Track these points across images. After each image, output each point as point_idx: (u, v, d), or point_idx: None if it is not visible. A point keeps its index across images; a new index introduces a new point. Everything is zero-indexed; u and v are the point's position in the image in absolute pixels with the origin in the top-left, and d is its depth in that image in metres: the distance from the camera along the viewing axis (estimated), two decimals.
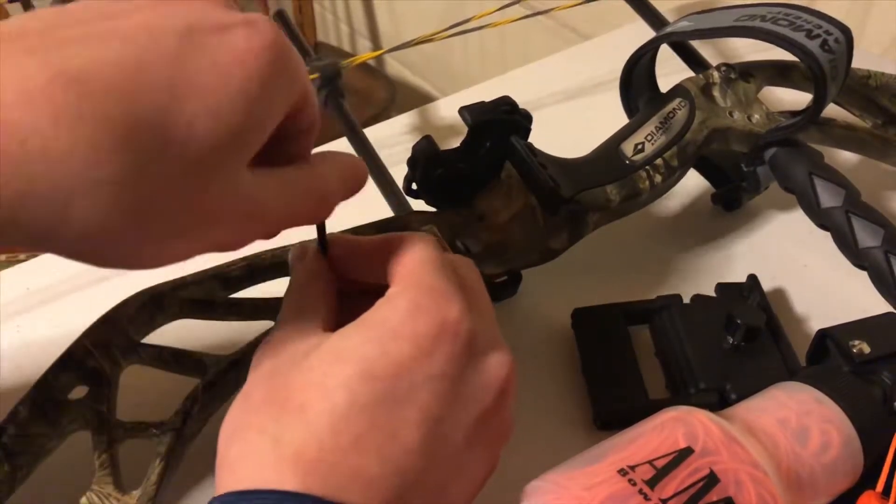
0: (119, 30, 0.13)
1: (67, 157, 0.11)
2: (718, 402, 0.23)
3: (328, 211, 0.16)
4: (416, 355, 0.14)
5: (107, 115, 0.12)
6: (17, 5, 0.74)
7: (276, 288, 0.23)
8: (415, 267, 0.16)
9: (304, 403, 0.14)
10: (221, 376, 0.21)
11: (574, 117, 0.38)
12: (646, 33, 0.32)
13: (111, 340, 0.20)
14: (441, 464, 0.14)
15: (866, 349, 0.22)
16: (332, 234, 0.18)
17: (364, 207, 0.26)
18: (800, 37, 0.25)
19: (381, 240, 0.17)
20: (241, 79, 0.13)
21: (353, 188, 0.16)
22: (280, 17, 0.37)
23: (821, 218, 0.27)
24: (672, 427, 0.18)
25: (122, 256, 0.13)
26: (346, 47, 1.05)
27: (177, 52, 0.13)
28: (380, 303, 0.15)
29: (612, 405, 0.24)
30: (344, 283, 0.18)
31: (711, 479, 0.17)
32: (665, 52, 0.31)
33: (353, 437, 0.14)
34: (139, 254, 0.13)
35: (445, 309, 0.15)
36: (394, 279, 0.16)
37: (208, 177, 0.13)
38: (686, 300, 0.27)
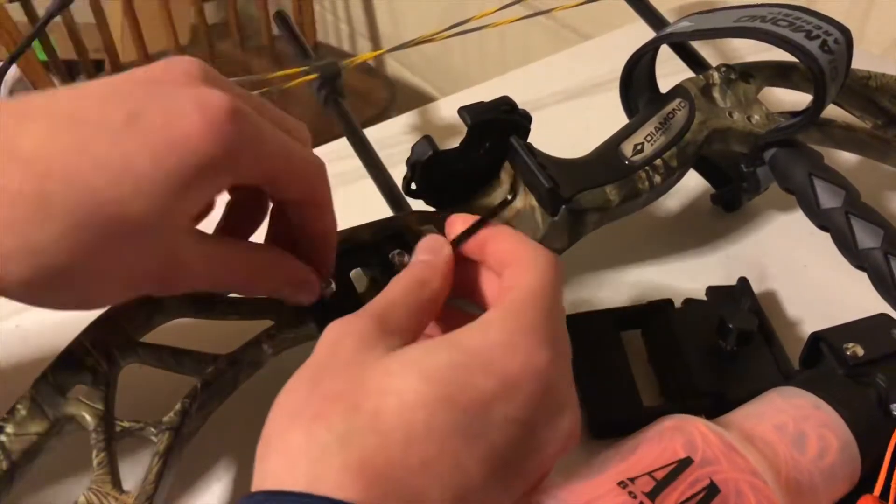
0: (76, 109, 0.15)
1: (5, 228, 0.14)
2: (714, 407, 0.23)
3: (252, 292, 0.18)
4: (500, 394, 0.14)
5: (45, 194, 0.14)
6: (17, 6, 0.74)
7: None
8: (522, 296, 0.15)
9: (379, 410, 0.14)
10: (220, 375, 0.21)
11: (574, 117, 0.38)
12: (646, 33, 0.32)
13: (110, 339, 0.20)
14: (491, 501, 0.14)
15: (860, 352, 0.22)
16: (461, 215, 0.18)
17: (364, 207, 0.26)
18: (799, 37, 0.25)
19: (515, 241, 0.17)
20: (175, 166, 0.15)
21: (287, 294, 0.18)
22: (280, 17, 0.37)
23: (820, 219, 0.26)
24: (670, 436, 0.18)
25: (55, 303, 0.15)
26: (346, 47, 1.05)
27: (119, 136, 0.14)
28: (475, 325, 0.15)
29: (607, 414, 0.24)
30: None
31: (712, 490, 0.17)
32: (665, 52, 0.31)
33: (422, 460, 0.13)
34: (68, 301, 0.15)
35: (538, 354, 0.15)
36: (500, 297, 0.16)
37: (136, 245, 0.15)
38: (684, 301, 0.26)
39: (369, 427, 0.14)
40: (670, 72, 0.31)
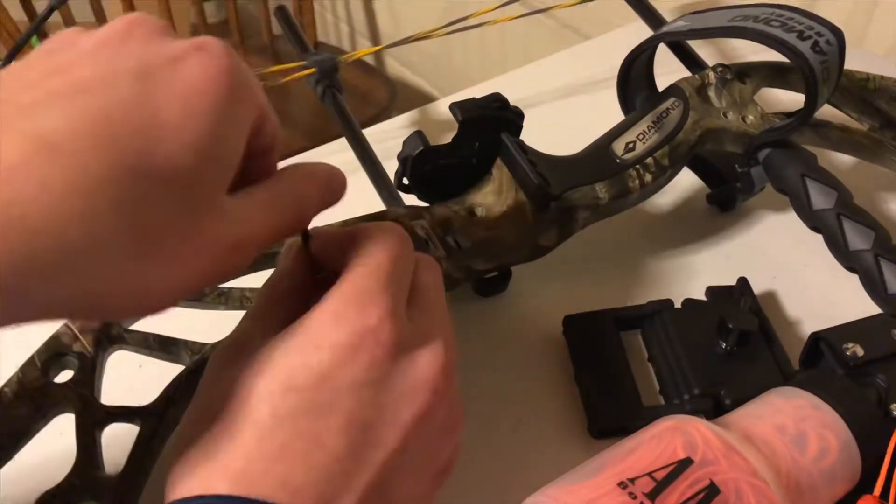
0: (76, 83, 0.13)
1: (67, 224, 0.12)
2: (713, 408, 0.23)
3: (307, 220, 0.16)
4: (337, 364, 0.15)
5: (91, 174, 0.12)
6: (17, 5, 0.75)
7: (265, 279, 0.23)
8: (350, 270, 0.16)
9: (230, 415, 0.15)
10: (206, 364, 0.21)
11: (573, 117, 0.38)
12: (645, 33, 0.32)
13: (97, 325, 0.20)
14: (375, 467, 0.15)
15: (860, 352, 0.22)
16: (314, 228, 0.18)
17: (358, 202, 0.26)
18: (791, 38, 0.25)
19: (351, 232, 0.17)
20: (205, 106, 0.13)
21: (330, 196, 0.17)
22: (281, 12, 0.37)
23: (813, 220, 0.26)
24: (670, 437, 0.18)
25: (130, 295, 0.13)
26: (346, 47, 1.06)
27: (137, 95, 0.13)
28: (311, 310, 0.16)
29: (607, 415, 0.24)
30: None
31: (712, 490, 0.17)
32: (666, 51, 0.31)
33: (277, 447, 0.14)
34: (145, 288, 0.13)
35: (366, 316, 0.15)
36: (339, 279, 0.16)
37: (199, 206, 0.13)
38: (684, 301, 0.26)
39: (225, 434, 0.14)
40: (670, 71, 0.31)
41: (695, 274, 0.29)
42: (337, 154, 0.33)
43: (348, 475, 0.14)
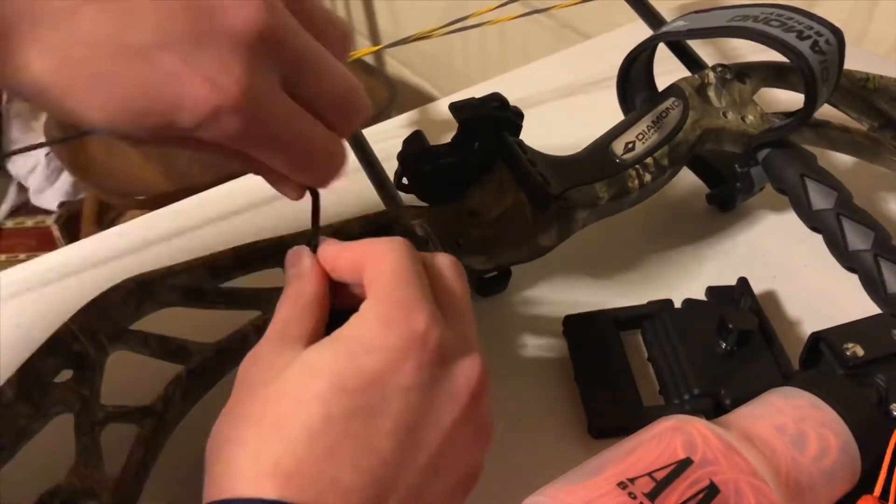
0: None
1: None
2: (713, 407, 0.23)
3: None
4: (387, 368, 0.15)
5: None
6: None
7: (265, 278, 0.23)
8: (386, 279, 0.16)
9: (280, 417, 0.15)
10: (206, 364, 0.21)
11: (574, 116, 0.38)
12: (645, 33, 0.32)
13: (98, 326, 0.20)
14: (417, 469, 0.15)
15: (860, 352, 0.22)
16: (322, 238, 0.18)
17: (357, 201, 0.26)
18: (790, 38, 0.25)
19: (362, 245, 0.17)
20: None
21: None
22: None
23: (812, 220, 0.26)
24: (670, 437, 0.18)
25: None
26: None
27: None
28: (353, 318, 0.16)
29: (607, 415, 0.24)
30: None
31: (712, 490, 0.17)
32: (666, 51, 0.31)
33: (327, 448, 0.14)
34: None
35: (414, 321, 0.15)
36: (368, 291, 0.16)
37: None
38: (684, 301, 0.26)
39: (274, 434, 0.15)
40: (671, 70, 0.31)
41: (695, 274, 0.29)
42: None
43: (394, 477, 0.15)
